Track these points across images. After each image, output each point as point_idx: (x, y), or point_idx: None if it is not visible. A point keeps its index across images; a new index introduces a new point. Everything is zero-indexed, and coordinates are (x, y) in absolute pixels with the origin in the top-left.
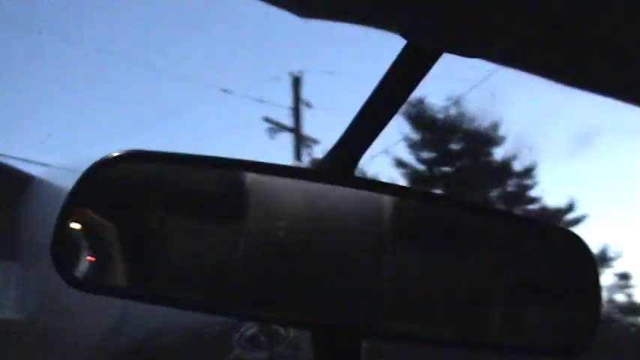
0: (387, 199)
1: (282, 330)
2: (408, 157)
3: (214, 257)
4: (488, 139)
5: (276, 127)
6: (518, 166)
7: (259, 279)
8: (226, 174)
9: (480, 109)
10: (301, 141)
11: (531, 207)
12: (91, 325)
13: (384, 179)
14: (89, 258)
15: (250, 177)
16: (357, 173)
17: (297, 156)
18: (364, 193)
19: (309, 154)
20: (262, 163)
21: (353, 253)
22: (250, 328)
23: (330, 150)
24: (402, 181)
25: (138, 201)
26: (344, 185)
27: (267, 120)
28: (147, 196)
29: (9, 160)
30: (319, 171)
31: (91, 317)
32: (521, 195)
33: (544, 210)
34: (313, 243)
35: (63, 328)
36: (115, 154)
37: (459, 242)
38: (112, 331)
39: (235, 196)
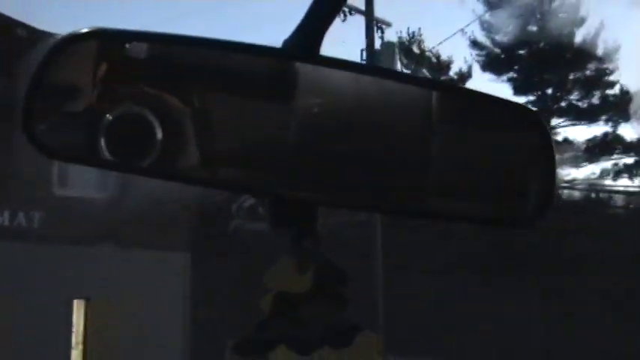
0: (434, 95)
1: None
2: (483, 38)
3: (259, 137)
4: (567, 20)
5: (348, 9)
6: (598, 49)
7: (308, 161)
8: (272, 60)
9: None
10: (373, 23)
11: (609, 91)
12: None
13: (459, 62)
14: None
15: (299, 65)
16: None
17: (369, 39)
18: (409, 86)
19: (381, 37)
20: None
21: (397, 139)
22: (248, 200)
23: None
24: (476, 65)
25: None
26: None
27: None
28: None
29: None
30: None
31: (94, 190)
32: (600, 79)
33: (624, 94)
34: (358, 127)
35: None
36: (84, 31)
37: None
38: (115, 201)
39: (284, 81)
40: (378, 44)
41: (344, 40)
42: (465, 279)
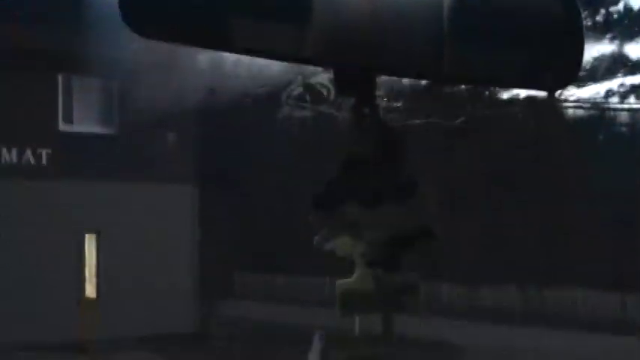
0: None
1: (324, 90)
2: None
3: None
4: None
5: None
6: None
7: (325, 58)
8: None
9: None
10: None
11: (613, 8)
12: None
13: None
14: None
15: None
16: None
17: None
18: None
19: None
20: None
21: (406, 31)
22: (297, 89)
23: None
24: None
25: None
26: None
27: None
28: None
29: None
30: None
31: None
32: None
33: (628, 11)
34: (368, 24)
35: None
36: None
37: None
38: (208, 90)
39: None
40: None
41: None
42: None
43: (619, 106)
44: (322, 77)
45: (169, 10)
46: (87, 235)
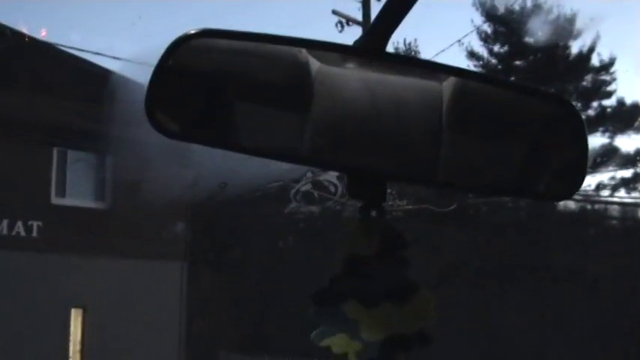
0: (445, 85)
1: (332, 188)
2: (481, 49)
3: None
4: (564, 32)
5: (345, 20)
6: (595, 60)
7: (336, 162)
8: (293, 64)
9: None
10: None
11: (606, 102)
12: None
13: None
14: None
15: (315, 66)
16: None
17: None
18: (421, 80)
19: None
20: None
21: (413, 135)
22: (306, 185)
23: (367, 30)
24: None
25: (212, 80)
26: (378, 60)
27: (336, 13)
28: (219, 76)
29: (84, 54)
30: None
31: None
32: (598, 90)
33: (621, 105)
34: (375, 127)
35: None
36: (191, 32)
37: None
38: (189, 185)
39: (301, 84)
40: None
41: None
42: (459, 288)
43: (609, 199)
44: (330, 175)
45: (192, 112)
46: (73, 310)
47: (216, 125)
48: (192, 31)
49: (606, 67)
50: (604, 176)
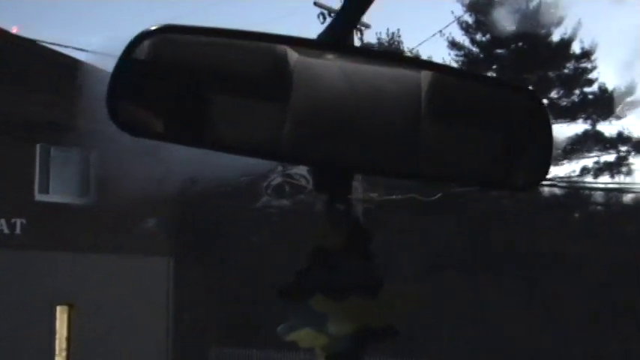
0: (423, 75)
1: (303, 181)
2: (462, 38)
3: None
4: (545, 19)
5: (327, 11)
6: (577, 47)
7: (304, 157)
8: (270, 56)
9: None
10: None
11: (588, 89)
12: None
13: (438, 61)
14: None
15: (293, 57)
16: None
17: (349, 40)
18: (399, 70)
19: (360, 39)
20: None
21: (391, 126)
22: (276, 179)
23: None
24: (455, 64)
25: (184, 75)
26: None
27: (318, 4)
28: (190, 72)
29: (51, 46)
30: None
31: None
32: (579, 77)
33: (602, 91)
34: (354, 119)
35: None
36: (154, 28)
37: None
38: (160, 180)
39: (280, 77)
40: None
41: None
42: (448, 278)
43: (594, 185)
44: (301, 168)
45: (155, 110)
46: (59, 307)
47: (187, 123)
48: (154, 27)
49: (587, 54)
50: (587, 162)
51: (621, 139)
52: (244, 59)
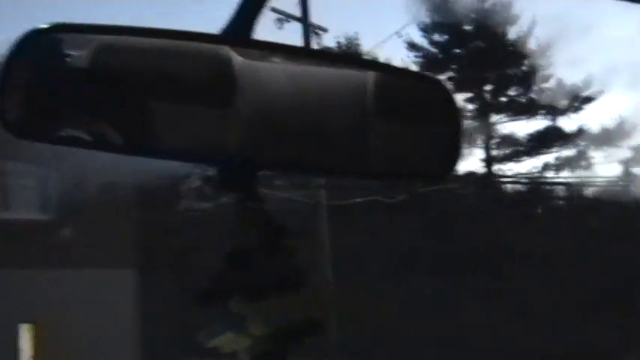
0: (368, 76)
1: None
2: (420, 39)
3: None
4: (501, 18)
5: (284, 16)
6: (532, 44)
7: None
8: (213, 60)
9: None
10: (309, 30)
11: (545, 85)
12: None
13: (397, 62)
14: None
15: (237, 61)
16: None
17: (306, 45)
18: (345, 70)
19: (318, 43)
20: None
21: (337, 126)
22: (195, 181)
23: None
24: (414, 66)
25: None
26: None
27: (275, 10)
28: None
29: None
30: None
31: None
32: (536, 74)
33: (560, 87)
34: (300, 121)
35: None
36: (46, 26)
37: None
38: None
39: (224, 80)
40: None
41: None
42: (413, 278)
43: (556, 180)
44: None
45: (47, 112)
46: (23, 326)
47: (82, 125)
48: (46, 25)
49: (544, 50)
50: (548, 157)
51: (580, 133)
52: (136, 57)
